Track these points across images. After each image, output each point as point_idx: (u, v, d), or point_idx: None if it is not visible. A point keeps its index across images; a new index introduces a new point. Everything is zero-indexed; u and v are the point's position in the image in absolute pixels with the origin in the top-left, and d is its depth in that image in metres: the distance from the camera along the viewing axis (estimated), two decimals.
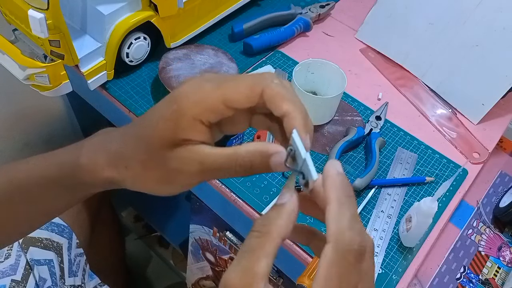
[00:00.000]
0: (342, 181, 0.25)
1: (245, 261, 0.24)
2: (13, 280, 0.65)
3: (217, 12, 0.74)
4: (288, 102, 0.28)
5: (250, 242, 0.25)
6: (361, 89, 0.73)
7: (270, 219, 0.26)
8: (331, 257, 0.23)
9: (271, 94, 0.28)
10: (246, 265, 0.24)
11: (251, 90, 0.28)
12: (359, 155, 0.65)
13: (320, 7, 0.82)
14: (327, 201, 0.25)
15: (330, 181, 0.25)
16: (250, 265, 0.24)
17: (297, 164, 0.27)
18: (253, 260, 0.24)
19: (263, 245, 0.25)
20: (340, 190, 0.25)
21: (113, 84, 0.67)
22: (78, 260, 0.79)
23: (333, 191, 0.25)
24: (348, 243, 0.23)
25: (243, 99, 0.28)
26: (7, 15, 0.60)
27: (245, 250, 0.25)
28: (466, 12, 0.70)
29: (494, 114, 0.71)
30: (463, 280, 0.60)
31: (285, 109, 0.27)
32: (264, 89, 0.28)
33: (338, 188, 0.25)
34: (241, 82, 0.28)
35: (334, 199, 0.25)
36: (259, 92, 0.28)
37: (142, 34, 0.63)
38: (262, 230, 0.25)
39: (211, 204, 0.66)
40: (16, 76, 0.59)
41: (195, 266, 0.95)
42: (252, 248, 0.25)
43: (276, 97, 0.28)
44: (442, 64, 0.74)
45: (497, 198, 0.69)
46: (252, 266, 0.24)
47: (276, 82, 0.28)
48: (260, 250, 0.24)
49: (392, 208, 0.59)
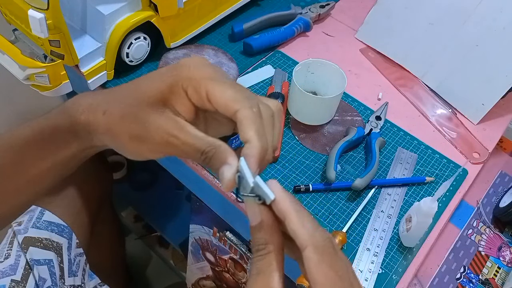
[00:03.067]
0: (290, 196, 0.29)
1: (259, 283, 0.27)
2: (12, 280, 0.65)
3: (217, 12, 0.74)
4: (252, 132, 0.29)
5: (257, 266, 0.28)
6: (361, 89, 0.73)
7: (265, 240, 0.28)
8: (316, 257, 0.26)
9: (240, 118, 0.29)
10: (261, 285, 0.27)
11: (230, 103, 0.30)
12: (359, 155, 0.65)
13: (320, 7, 0.82)
14: (286, 215, 0.27)
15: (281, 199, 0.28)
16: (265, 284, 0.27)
17: (244, 188, 0.29)
18: (266, 278, 0.27)
19: (271, 263, 0.27)
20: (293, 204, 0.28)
21: (113, 84, 0.67)
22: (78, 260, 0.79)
23: (287, 207, 0.28)
24: (322, 240, 0.27)
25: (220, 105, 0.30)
26: (7, 15, 0.60)
27: (256, 274, 0.27)
28: (466, 12, 0.70)
29: (494, 114, 0.71)
30: (463, 280, 0.60)
31: (247, 137, 0.29)
32: (238, 110, 0.29)
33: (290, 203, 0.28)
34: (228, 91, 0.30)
35: (291, 211, 0.27)
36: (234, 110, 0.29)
37: (142, 34, 0.63)
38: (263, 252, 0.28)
39: (211, 204, 0.66)
40: (16, 76, 0.59)
41: (195, 266, 0.95)
42: (261, 270, 0.27)
43: (242, 123, 0.29)
44: (442, 64, 0.74)
45: (497, 198, 0.70)
46: (267, 284, 0.26)
47: (254, 110, 0.29)
48: (269, 267, 0.27)
49: (392, 208, 0.59)
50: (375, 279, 0.53)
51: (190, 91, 0.31)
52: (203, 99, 0.30)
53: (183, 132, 0.31)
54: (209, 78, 0.30)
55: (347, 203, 0.59)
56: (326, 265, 0.26)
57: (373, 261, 0.54)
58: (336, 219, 0.57)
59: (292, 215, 0.27)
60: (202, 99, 0.30)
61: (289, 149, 0.63)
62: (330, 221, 0.57)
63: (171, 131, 0.31)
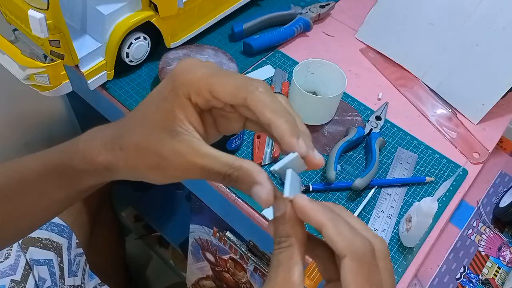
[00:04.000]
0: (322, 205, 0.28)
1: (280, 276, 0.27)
2: (12, 280, 0.65)
3: (217, 12, 0.74)
4: (270, 112, 0.28)
5: (278, 258, 0.27)
6: (361, 89, 0.73)
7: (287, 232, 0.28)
8: (354, 268, 0.25)
9: (253, 102, 0.28)
10: (282, 278, 0.26)
11: (235, 91, 0.28)
12: (359, 155, 0.65)
13: (320, 7, 0.82)
14: (321, 225, 0.27)
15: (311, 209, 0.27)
16: (286, 277, 0.26)
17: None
18: (287, 271, 0.26)
19: (292, 256, 0.27)
20: (327, 212, 0.27)
21: (113, 84, 0.67)
22: (78, 260, 0.79)
23: (319, 216, 0.27)
24: (362, 249, 0.26)
25: (227, 96, 0.29)
26: (7, 15, 0.59)
27: (276, 266, 0.27)
28: (466, 12, 0.70)
29: (494, 114, 0.71)
30: (463, 280, 0.60)
31: (268, 119, 0.28)
32: (247, 96, 0.28)
33: (322, 211, 0.27)
34: (230, 81, 0.29)
35: (326, 220, 0.27)
36: (242, 97, 0.28)
37: (142, 34, 0.63)
38: (285, 245, 0.27)
39: (211, 204, 0.66)
40: (16, 76, 0.59)
41: (195, 266, 0.95)
42: (282, 262, 0.27)
43: (257, 106, 0.28)
44: (442, 64, 0.74)
45: (497, 198, 0.69)
46: (288, 278, 0.26)
47: (260, 90, 0.28)
48: (290, 261, 0.27)
49: (392, 208, 0.59)
50: None
51: (194, 97, 0.30)
52: (208, 98, 0.29)
53: (199, 156, 0.29)
54: (207, 76, 0.29)
55: (347, 203, 0.59)
56: (362, 277, 0.25)
57: None
58: None
59: (328, 224, 0.26)
60: (207, 99, 0.29)
61: None
62: None
63: (188, 158, 0.29)
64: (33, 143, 0.95)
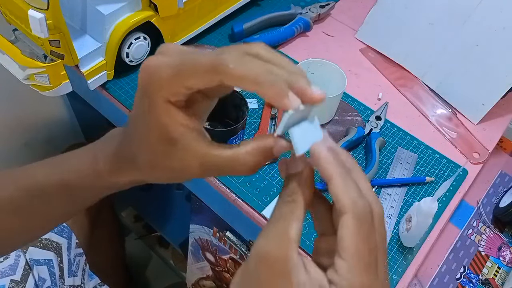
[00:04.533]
0: (336, 156, 0.27)
1: (278, 227, 0.26)
2: (12, 280, 0.65)
3: (217, 12, 0.74)
4: (251, 83, 0.25)
5: (280, 211, 0.27)
6: (361, 89, 0.73)
7: (294, 189, 0.27)
8: (353, 226, 0.25)
9: (230, 82, 0.26)
10: (280, 231, 0.26)
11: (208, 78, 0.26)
12: (359, 155, 0.65)
13: (320, 7, 0.82)
14: (329, 177, 0.26)
15: (323, 160, 0.27)
16: (283, 230, 0.26)
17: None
18: (286, 225, 0.26)
19: (294, 211, 0.27)
20: (338, 166, 0.27)
21: (113, 84, 0.67)
22: (77, 260, 0.79)
23: (330, 169, 0.26)
24: (363, 210, 0.26)
25: (201, 84, 0.27)
26: (7, 15, 0.59)
27: (276, 218, 0.27)
28: (466, 12, 0.70)
29: (494, 114, 0.71)
30: (463, 280, 0.60)
31: (252, 89, 0.26)
32: (221, 78, 0.26)
33: (335, 165, 0.27)
34: (198, 67, 0.26)
35: (335, 175, 0.26)
36: (217, 80, 0.26)
37: (142, 34, 0.63)
38: (289, 199, 0.27)
39: (211, 204, 0.66)
40: (16, 76, 0.59)
41: (195, 266, 0.95)
42: (283, 215, 0.27)
43: (235, 83, 0.26)
44: (442, 64, 0.74)
45: (497, 198, 0.69)
46: (285, 231, 0.26)
47: (231, 66, 0.25)
48: (291, 215, 0.26)
49: (392, 208, 0.59)
50: None
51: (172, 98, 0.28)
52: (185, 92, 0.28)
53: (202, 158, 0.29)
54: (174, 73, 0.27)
55: None
56: (361, 237, 0.25)
57: None
58: None
59: (337, 179, 0.26)
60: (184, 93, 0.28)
61: None
62: None
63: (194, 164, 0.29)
64: (33, 143, 0.95)
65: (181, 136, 0.29)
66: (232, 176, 0.59)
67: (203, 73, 0.26)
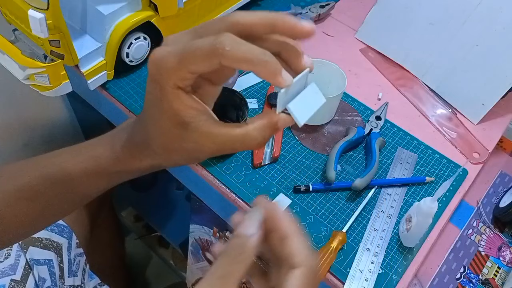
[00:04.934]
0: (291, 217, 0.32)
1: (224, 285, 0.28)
2: (12, 280, 0.65)
3: (217, 12, 0.74)
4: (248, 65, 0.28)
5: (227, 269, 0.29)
6: (361, 89, 0.73)
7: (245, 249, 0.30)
8: (303, 279, 0.29)
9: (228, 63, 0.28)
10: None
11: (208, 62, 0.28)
12: (359, 155, 0.65)
13: (320, 7, 0.82)
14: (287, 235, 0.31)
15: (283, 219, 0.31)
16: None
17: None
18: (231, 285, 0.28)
19: (240, 271, 0.29)
20: (293, 225, 0.31)
21: (113, 84, 0.67)
22: (78, 260, 0.79)
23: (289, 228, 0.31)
24: (314, 266, 0.30)
25: (204, 69, 0.29)
26: (7, 15, 0.59)
27: (222, 274, 0.28)
28: (466, 12, 0.70)
29: (494, 114, 0.71)
30: (463, 280, 0.60)
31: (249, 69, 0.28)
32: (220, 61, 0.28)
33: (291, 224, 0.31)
34: (199, 53, 0.28)
35: (293, 233, 0.31)
36: (217, 63, 0.28)
37: (142, 34, 0.63)
38: (239, 259, 0.29)
39: (211, 204, 0.66)
40: (16, 76, 0.59)
41: (195, 266, 0.95)
42: (231, 274, 0.29)
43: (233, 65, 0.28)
44: (442, 64, 0.74)
45: (497, 198, 0.70)
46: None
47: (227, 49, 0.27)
48: (237, 274, 0.28)
49: (392, 208, 0.59)
50: (375, 279, 0.53)
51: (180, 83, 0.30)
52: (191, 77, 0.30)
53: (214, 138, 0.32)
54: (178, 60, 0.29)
55: (347, 203, 0.59)
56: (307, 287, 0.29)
57: (373, 261, 0.54)
58: (336, 219, 0.57)
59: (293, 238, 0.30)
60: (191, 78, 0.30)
61: (289, 149, 0.63)
62: (330, 221, 0.57)
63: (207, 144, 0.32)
64: (33, 143, 0.95)
65: (192, 119, 0.31)
66: (232, 176, 0.59)
67: (203, 57, 0.28)
